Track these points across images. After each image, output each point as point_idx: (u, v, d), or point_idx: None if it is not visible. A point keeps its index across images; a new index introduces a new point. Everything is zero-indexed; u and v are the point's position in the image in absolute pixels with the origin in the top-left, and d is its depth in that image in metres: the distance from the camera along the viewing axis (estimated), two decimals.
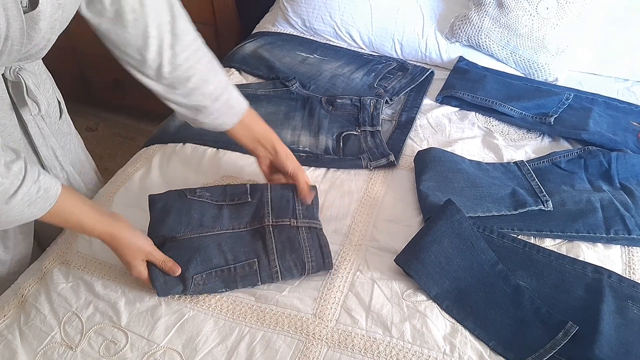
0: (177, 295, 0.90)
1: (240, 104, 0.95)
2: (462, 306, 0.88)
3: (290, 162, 0.98)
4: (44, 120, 0.94)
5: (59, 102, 1.00)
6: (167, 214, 0.95)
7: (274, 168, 1.02)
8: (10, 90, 0.84)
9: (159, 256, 0.87)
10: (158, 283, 0.87)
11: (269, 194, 0.99)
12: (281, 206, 0.98)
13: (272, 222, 0.96)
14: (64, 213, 0.78)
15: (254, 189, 1.00)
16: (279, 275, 0.90)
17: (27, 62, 0.84)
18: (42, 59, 0.92)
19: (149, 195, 0.98)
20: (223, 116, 0.93)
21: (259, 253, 0.92)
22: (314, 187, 1.03)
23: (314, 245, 0.94)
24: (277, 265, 0.91)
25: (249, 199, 0.99)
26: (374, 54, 1.54)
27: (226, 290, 0.91)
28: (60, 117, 1.01)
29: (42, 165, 0.96)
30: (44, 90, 0.92)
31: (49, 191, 0.73)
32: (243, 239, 0.95)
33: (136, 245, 0.85)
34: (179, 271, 0.87)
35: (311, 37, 1.59)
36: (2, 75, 0.81)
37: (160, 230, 0.93)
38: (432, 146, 1.17)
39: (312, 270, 0.91)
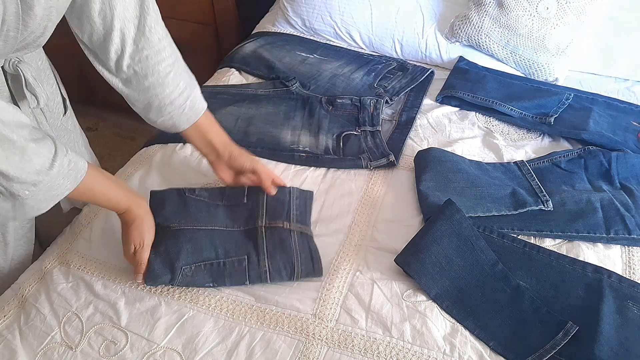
0: (177, 295, 0.90)
1: (196, 109, 0.95)
2: (462, 306, 0.88)
3: (244, 158, 0.98)
4: (44, 114, 0.93)
5: (63, 99, 1.00)
6: (163, 206, 0.96)
7: (236, 171, 1.02)
8: (9, 83, 0.84)
9: (144, 255, 0.89)
10: (147, 270, 0.88)
11: (265, 196, 1.00)
12: (276, 209, 0.98)
13: (266, 223, 0.97)
14: (93, 187, 0.81)
15: (251, 191, 1.01)
16: (268, 276, 0.90)
17: (26, 53, 0.84)
18: (47, 56, 0.92)
19: (151, 191, 0.99)
20: (175, 119, 0.94)
21: (249, 251, 0.92)
22: (309, 193, 1.04)
23: (304, 249, 0.94)
24: (267, 266, 0.91)
25: (245, 201, 1.00)
26: (374, 54, 1.54)
27: (213, 286, 0.91)
28: (65, 113, 1.01)
29: None
30: (47, 85, 0.92)
31: (78, 164, 0.76)
32: (236, 237, 0.95)
33: (145, 229, 0.89)
34: (139, 279, 0.89)
35: (311, 37, 1.59)
36: (2, 67, 0.81)
37: (155, 218, 0.93)
38: (432, 146, 1.17)
39: (301, 274, 0.91)
